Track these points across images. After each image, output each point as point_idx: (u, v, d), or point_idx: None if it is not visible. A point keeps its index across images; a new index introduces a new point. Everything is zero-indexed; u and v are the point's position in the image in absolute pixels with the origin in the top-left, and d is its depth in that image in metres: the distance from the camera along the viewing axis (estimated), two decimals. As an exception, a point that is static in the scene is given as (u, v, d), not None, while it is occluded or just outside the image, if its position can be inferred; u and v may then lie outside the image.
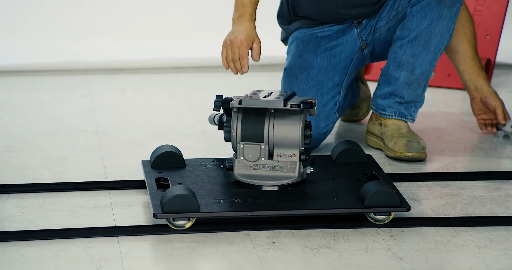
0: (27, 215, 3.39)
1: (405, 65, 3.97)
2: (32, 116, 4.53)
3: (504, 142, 4.23)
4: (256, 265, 3.01)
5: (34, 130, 4.28)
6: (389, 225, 3.27)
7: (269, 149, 3.46)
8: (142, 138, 4.05)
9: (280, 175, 3.45)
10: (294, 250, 3.11)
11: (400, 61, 3.97)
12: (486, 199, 3.54)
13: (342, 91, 4.01)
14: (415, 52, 3.95)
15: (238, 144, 3.48)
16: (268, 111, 3.45)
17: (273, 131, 3.43)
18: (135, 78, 5.16)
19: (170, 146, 3.73)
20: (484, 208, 3.45)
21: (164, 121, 4.37)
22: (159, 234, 3.23)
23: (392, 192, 3.30)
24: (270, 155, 3.47)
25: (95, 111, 4.61)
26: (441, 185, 3.67)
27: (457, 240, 3.21)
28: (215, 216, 3.29)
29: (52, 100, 4.85)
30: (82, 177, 3.74)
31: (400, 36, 3.99)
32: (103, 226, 3.29)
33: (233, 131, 3.47)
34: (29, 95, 4.85)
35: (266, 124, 3.44)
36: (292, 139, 3.43)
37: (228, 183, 3.53)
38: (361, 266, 3.02)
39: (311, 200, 3.38)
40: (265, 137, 3.45)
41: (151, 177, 3.54)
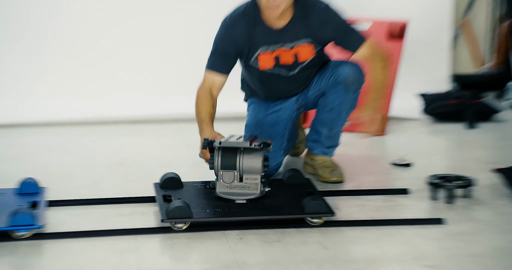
0: (73, 221, 3.38)
1: (326, 125, 3.92)
2: (77, 154, 4.53)
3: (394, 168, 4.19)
4: (229, 254, 3.02)
5: (79, 163, 4.30)
6: (321, 226, 3.26)
7: (240, 175, 3.46)
8: (153, 168, 4.06)
9: (247, 192, 3.45)
10: (255, 243, 3.12)
11: (322, 122, 3.92)
12: (383, 207, 3.56)
13: (286, 139, 3.97)
14: (332, 118, 3.90)
15: (219, 171, 3.48)
16: (239, 149, 3.48)
17: (243, 162, 3.46)
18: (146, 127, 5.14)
19: (172, 173, 3.68)
20: (382, 214, 3.47)
21: (167, 156, 4.36)
22: (164, 234, 3.22)
23: (323, 203, 3.34)
24: (241, 179, 3.45)
25: (119, 150, 4.63)
26: (354, 199, 3.66)
27: (365, 235, 3.22)
28: (203, 221, 3.29)
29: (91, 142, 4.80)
30: (111, 195, 3.68)
31: (322, 106, 3.91)
32: (125, 228, 3.28)
33: (215, 163, 3.49)
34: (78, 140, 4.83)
35: (238, 157, 3.46)
36: (255, 168, 3.45)
37: (212, 198, 3.50)
38: (299, 254, 3.03)
39: (268, 209, 3.39)
40: (237, 166, 3.45)
41: (159, 194, 3.52)
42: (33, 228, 3.16)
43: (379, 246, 3.12)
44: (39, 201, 3.49)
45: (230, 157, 3.49)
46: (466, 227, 3.31)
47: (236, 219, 3.34)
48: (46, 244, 3.15)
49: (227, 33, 3.79)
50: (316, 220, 3.30)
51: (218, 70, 3.80)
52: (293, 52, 3.79)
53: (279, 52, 3.79)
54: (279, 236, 3.20)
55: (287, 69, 3.87)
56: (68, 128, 4.99)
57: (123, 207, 3.57)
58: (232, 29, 3.77)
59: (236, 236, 3.21)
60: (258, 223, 3.33)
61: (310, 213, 3.30)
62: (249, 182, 3.50)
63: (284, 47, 3.78)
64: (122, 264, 2.96)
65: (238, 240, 3.16)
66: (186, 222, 3.25)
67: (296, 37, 3.76)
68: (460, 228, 3.30)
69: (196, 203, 3.44)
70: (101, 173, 4.06)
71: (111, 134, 4.85)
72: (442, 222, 3.34)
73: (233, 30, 3.77)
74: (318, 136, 3.99)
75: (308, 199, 3.35)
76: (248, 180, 3.49)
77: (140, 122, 5.08)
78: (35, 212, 3.26)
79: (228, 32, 3.79)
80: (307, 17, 3.74)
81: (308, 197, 3.41)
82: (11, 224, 3.15)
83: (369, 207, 3.58)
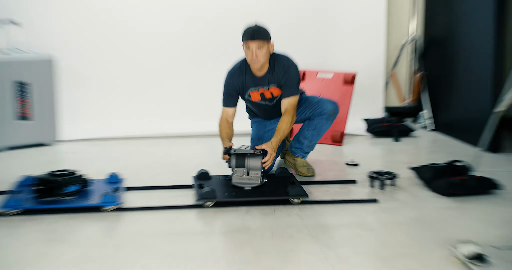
0: (140, 200, 3.39)
1: (307, 138, 3.86)
2: (144, 157, 4.51)
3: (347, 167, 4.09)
4: (239, 221, 3.06)
5: (146, 163, 4.30)
6: (299, 204, 3.29)
7: (247, 171, 3.47)
8: (192, 166, 4.01)
9: (252, 182, 3.45)
10: (256, 215, 3.15)
11: (305, 136, 3.86)
12: (340, 192, 3.54)
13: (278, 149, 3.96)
14: (313, 134, 3.85)
15: (233, 168, 3.49)
16: (247, 154, 3.48)
17: (249, 163, 3.49)
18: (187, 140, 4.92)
19: (204, 169, 3.66)
20: (339, 196, 3.46)
21: (201, 159, 4.29)
22: (198, 208, 3.24)
23: (300, 189, 3.37)
24: (248, 173, 3.47)
25: (170, 155, 4.62)
26: (321, 186, 3.63)
27: (327, 210, 3.25)
28: (223, 200, 3.29)
29: (152, 150, 4.66)
30: (165, 183, 3.67)
31: (307, 125, 3.85)
32: (173, 205, 3.30)
33: (232, 163, 3.49)
34: (144, 149, 4.78)
35: (246, 160, 3.48)
36: (257, 166, 3.46)
37: (229, 186, 3.48)
38: (284, 222, 3.05)
39: (265, 193, 3.38)
40: (245, 165, 3.46)
41: (196, 183, 3.51)
42: (115, 204, 3.22)
43: (336, 217, 3.16)
44: (120, 187, 3.51)
45: (241, 159, 3.49)
46: (391, 204, 3.35)
47: (244, 200, 3.34)
48: (123, 214, 3.20)
49: (229, 81, 3.78)
50: (296, 200, 3.32)
51: (229, 105, 3.82)
52: (270, 91, 3.76)
53: (262, 91, 3.77)
54: (272, 211, 3.23)
55: (269, 101, 3.82)
56: (139, 141, 4.91)
57: (173, 191, 3.56)
58: (232, 78, 3.77)
59: (245, 210, 3.23)
60: (258, 202, 3.32)
61: (292, 195, 3.32)
62: (253, 175, 3.49)
63: (263, 88, 3.76)
64: (171, 228, 3.00)
65: (245, 213, 3.20)
66: (213, 201, 3.28)
67: (269, 82, 3.73)
68: (387, 205, 3.34)
69: (219, 189, 3.44)
70: (159, 170, 4.04)
71: (165, 145, 4.78)
72: (377, 201, 3.38)
73: (233, 79, 3.77)
74: (300, 144, 3.92)
75: (291, 187, 3.37)
76: (253, 174, 3.49)
77: (183, 137, 5.02)
78: (117, 194, 3.31)
79: (230, 80, 3.78)
80: (274, 71, 3.70)
81: (291, 185, 3.42)
82: (102, 201, 3.20)
83: (330, 192, 3.56)
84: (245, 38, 3.61)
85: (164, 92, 5.23)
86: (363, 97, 5.34)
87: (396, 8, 5.61)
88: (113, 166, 4.02)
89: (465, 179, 3.46)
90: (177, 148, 4.70)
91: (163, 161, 4.29)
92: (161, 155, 4.49)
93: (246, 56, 3.67)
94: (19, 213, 3.13)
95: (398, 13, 5.63)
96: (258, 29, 3.60)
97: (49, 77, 4.66)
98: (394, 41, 5.65)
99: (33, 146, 4.68)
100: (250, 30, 3.60)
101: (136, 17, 5.13)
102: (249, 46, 3.58)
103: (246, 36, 3.60)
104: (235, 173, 3.51)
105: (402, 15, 5.62)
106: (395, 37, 5.65)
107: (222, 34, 5.18)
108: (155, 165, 4.18)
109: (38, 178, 3.30)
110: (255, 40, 3.56)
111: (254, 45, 3.57)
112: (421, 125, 5.40)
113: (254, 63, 3.63)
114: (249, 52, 3.61)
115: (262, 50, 3.59)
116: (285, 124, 3.65)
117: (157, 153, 4.54)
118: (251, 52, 3.59)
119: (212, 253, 2.68)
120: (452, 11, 5.11)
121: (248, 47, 3.59)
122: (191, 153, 4.52)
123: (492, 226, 2.99)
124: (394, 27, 5.63)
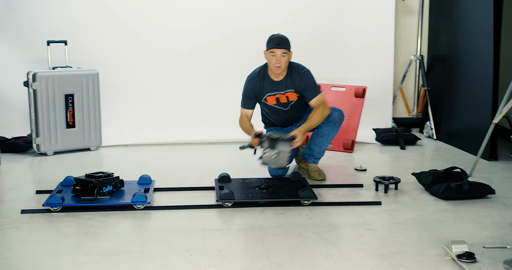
0: (168, 200, 3.43)
1: (317, 145, 3.86)
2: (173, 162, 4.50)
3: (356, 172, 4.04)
4: (254, 220, 3.07)
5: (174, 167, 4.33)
6: (309, 205, 3.29)
7: (278, 153, 3.52)
8: (215, 170, 4.05)
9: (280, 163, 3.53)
10: (269, 215, 3.16)
11: (315, 143, 3.86)
12: (348, 195, 3.52)
13: (294, 153, 4.04)
14: (322, 141, 3.85)
15: (265, 149, 3.53)
16: (279, 138, 3.53)
17: (280, 146, 3.52)
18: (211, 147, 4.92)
19: (225, 173, 3.68)
20: (346, 198, 3.45)
21: (223, 164, 4.20)
22: (218, 208, 3.27)
23: (310, 192, 3.35)
24: (278, 155, 3.52)
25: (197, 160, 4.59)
26: (331, 190, 3.62)
27: (334, 210, 3.24)
28: (241, 201, 3.29)
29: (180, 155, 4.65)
30: (191, 185, 3.70)
31: (316, 133, 3.85)
32: (195, 204, 3.33)
33: (264, 145, 3.53)
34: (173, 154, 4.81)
35: (278, 143, 3.52)
36: (286, 150, 3.52)
37: (248, 187, 3.48)
38: (295, 221, 3.06)
39: (278, 195, 3.38)
40: (276, 147, 3.52)
41: (216, 185, 3.53)
42: (144, 203, 3.26)
43: (342, 217, 3.16)
44: (149, 188, 3.54)
45: (273, 142, 3.53)
46: (393, 207, 3.33)
47: (259, 200, 3.34)
48: (152, 213, 3.23)
49: (249, 85, 3.81)
50: (306, 202, 3.32)
51: (247, 107, 3.85)
52: (286, 95, 3.79)
53: (278, 95, 3.80)
54: (284, 211, 3.24)
55: (284, 105, 3.83)
56: (169, 147, 4.90)
57: (197, 193, 3.59)
58: (251, 83, 3.79)
59: (259, 210, 3.24)
60: (273, 203, 3.33)
61: (302, 197, 3.33)
62: (282, 156, 3.53)
63: (280, 93, 3.78)
64: (192, 225, 3.03)
65: (260, 213, 3.22)
66: (231, 202, 3.29)
67: (286, 88, 3.76)
68: (389, 207, 3.33)
69: (237, 191, 3.45)
70: (186, 173, 4.05)
71: (192, 151, 4.78)
72: (380, 204, 3.37)
73: (252, 83, 3.79)
74: (312, 151, 3.91)
75: (302, 189, 3.38)
76: (282, 155, 3.53)
77: (210, 144, 5.06)
78: (146, 194, 3.35)
79: (249, 84, 3.80)
80: (292, 76, 3.74)
81: (302, 188, 3.44)
82: (132, 200, 3.24)
83: (339, 194, 3.55)
84: (270, 45, 3.66)
85: (191, 104, 5.27)
86: (374, 109, 5.32)
87: (404, 28, 5.59)
88: (145, 169, 4.07)
89: (461, 184, 3.42)
90: (203, 154, 4.70)
91: (190, 165, 4.30)
92: (189, 160, 4.50)
93: (269, 61, 3.71)
94: (60, 210, 3.20)
95: (405, 33, 5.61)
96: (283, 38, 3.67)
97: (95, 89, 4.77)
98: (402, 58, 5.63)
99: (79, 150, 4.78)
100: (276, 39, 3.66)
101: (164, 35, 5.19)
102: (275, 53, 3.64)
103: (271, 44, 3.66)
104: (266, 153, 3.52)
105: (409, 34, 5.60)
106: (403, 54, 5.62)
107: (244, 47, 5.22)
108: (183, 168, 4.19)
109: (77, 179, 3.36)
110: (280, 48, 3.62)
111: (279, 52, 3.63)
112: (426, 135, 5.36)
113: (276, 68, 3.67)
114: (273, 58, 3.65)
115: (285, 58, 3.65)
116: (315, 115, 3.70)
117: (185, 158, 4.56)
118: (276, 58, 3.64)
119: (227, 248, 2.70)
120: (454, 30, 5.08)
121: (273, 54, 3.65)
122: (216, 159, 4.52)
123: (484, 228, 2.96)
124: (402, 45, 5.61)
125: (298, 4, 5.26)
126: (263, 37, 3.78)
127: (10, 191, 3.62)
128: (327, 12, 5.30)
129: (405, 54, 5.62)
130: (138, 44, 5.17)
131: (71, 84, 4.65)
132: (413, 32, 5.58)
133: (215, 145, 5.01)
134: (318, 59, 5.25)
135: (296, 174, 3.74)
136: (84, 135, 4.76)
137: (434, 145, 5.07)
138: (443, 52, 5.34)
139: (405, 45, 5.62)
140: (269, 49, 3.67)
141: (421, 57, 5.47)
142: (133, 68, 5.19)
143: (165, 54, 5.20)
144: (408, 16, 5.59)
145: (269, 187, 3.54)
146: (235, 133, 4.02)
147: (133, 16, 5.14)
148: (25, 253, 2.64)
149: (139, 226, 3.02)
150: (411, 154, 4.70)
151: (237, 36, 5.24)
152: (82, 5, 5.07)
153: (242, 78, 3.92)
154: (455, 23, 5.05)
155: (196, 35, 5.21)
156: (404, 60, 5.62)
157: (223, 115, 5.14)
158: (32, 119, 4.57)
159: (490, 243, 2.66)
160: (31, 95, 4.54)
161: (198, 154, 4.72)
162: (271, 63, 3.68)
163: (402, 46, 5.62)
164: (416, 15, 5.54)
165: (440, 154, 4.72)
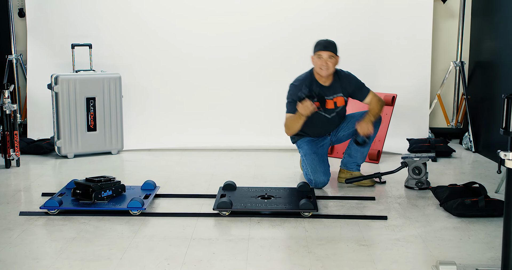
0: (168, 206, 3.47)
1: (359, 151, 3.90)
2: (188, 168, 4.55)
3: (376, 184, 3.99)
4: (247, 231, 3.05)
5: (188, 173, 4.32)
6: (310, 217, 3.24)
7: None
8: (228, 177, 4.05)
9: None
10: (265, 226, 3.13)
11: (357, 149, 3.89)
12: (354, 208, 3.44)
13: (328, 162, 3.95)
14: (364, 149, 3.92)
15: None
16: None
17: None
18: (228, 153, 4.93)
19: (230, 181, 3.69)
20: (353, 211, 3.37)
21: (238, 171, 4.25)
22: (215, 217, 3.26)
23: (311, 203, 3.27)
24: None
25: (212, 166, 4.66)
26: (339, 202, 3.54)
27: (334, 224, 3.16)
28: (238, 210, 3.28)
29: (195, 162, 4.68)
30: (198, 192, 3.73)
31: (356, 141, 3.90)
32: (193, 212, 3.34)
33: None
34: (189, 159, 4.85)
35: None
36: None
37: (248, 196, 3.46)
38: (288, 233, 3.02)
39: (277, 206, 3.33)
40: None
41: (219, 193, 3.55)
42: (140, 209, 3.30)
43: (339, 231, 3.08)
44: (151, 194, 3.58)
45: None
46: (399, 222, 3.23)
47: (257, 210, 3.32)
48: (147, 219, 3.27)
49: (296, 90, 3.80)
50: (306, 213, 3.27)
51: (293, 112, 3.80)
52: (334, 100, 3.86)
53: (326, 101, 3.85)
54: (281, 222, 3.21)
55: (329, 112, 3.87)
56: (189, 152, 4.95)
57: (201, 200, 3.60)
58: (298, 88, 3.79)
59: (256, 221, 3.22)
60: (273, 214, 3.30)
61: (302, 209, 3.28)
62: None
63: (328, 98, 3.84)
64: (183, 233, 3.04)
65: (256, 223, 3.19)
66: (228, 210, 3.29)
67: (335, 92, 3.85)
68: (395, 222, 3.22)
69: (238, 200, 3.44)
70: (196, 179, 4.08)
71: (213, 157, 4.80)
72: (386, 218, 3.27)
73: (299, 88, 3.78)
74: (354, 159, 3.94)
75: (303, 200, 3.32)
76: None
77: (230, 150, 5.06)
78: (144, 200, 3.38)
79: (296, 89, 3.80)
80: (340, 80, 3.85)
81: (304, 199, 3.36)
82: (128, 206, 3.29)
83: (346, 207, 3.49)
84: (317, 48, 3.76)
85: (215, 110, 5.30)
86: (409, 118, 5.19)
87: (444, 32, 5.43)
88: (159, 174, 4.16)
89: (477, 201, 3.26)
90: (222, 161, 4.71)
91: (204, 172, 4.33)
92: (205, 166, 4.53)
93: (315, 65, 3.79)
94: (57, 214, 3.28)
95: (445, 37, 5.44)
96: (330, 42, 3.78)
97: (117, 93, 4.88)
98: (442, 64, 5.45)
99: (100, 154, 4.90)
100: (322, 42, 3.77)
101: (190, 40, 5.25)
102: (321, 55, 3.73)
103: (318, 47, 3.76)
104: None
105: (449, 39, 5.43)
106: (442, 61, 5.45)
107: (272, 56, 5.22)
108: (195, 175, 4.22)
109: (77, 183, 3.44)
110: (327, 51, 3.72)
111: (325, 55, 3.72)
112: (465, 147, 5.15)
113: (324, 71, 3.74)
114: (320, 61, 3.74)
115: (332, 61, 3.74)
116: (373, 105, 3.85)
117: (202, 164, 4.59)
118: (322, 61, 3.73)
119: (208, 258, 2.69)
120: (498, 35, 4.86)
121: (320, 57, 3.74)
122: (234, 166, 4.52)
123: (490, 248, 2.81)
124: (441, 50, 5.45)
125: (334, 9, 5.22)
126: (296, 45, 3.82)
127: (19, 193, 3.75)
128: (363, 16, 5.24)
129: (444, 61, 5.45)
130: (164, 49, 5.28)
131: (93, 87, 4.80)
132: (453, 37, 5.40)
133: (237, 152, 5.02)
134: (351, 65, 5.11)
135: (304, 185, 3.70)
136: (105, 138, 4.89)
137: (471, 158, 4.87)
138: (485, 59, 5.12)
139: (445, 50, 5.45)
140: (316, 52, 3.76)
141: (461, 63, 5.28)
142: (158, 73, 5.30)
143: (190, 59, 5.28)
144: (448, 20, 5.42)
145: (272, 197, 3.51)
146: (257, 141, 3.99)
147: (159, 21, 5.25)
148: (7, 256, 2.72)
149: (129, 232, 3.05)
150: (441, 167, 4.53)
151: (266, 44, 5.23)
152: (109, 9, 5.24)
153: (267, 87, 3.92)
154: (499, 27, 4.84)
155: (222, 41, 5.26)
156: (443, 66, 5.45)
157: (246, 122, 5.17)
158: (54, 121, 4.73)
159: (489, 265, 2.53)
160: (53, 97, 4.70)
161: (218, 160, 4.74)
162: (317, 66, 3.76)
163: (442, 52, 5.46)
164: (457, 18, 5.36)
165: (473, 168, 4.52)
